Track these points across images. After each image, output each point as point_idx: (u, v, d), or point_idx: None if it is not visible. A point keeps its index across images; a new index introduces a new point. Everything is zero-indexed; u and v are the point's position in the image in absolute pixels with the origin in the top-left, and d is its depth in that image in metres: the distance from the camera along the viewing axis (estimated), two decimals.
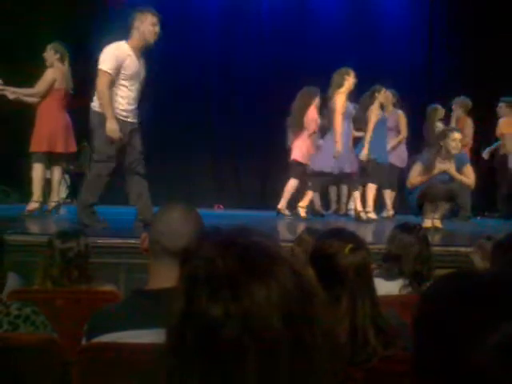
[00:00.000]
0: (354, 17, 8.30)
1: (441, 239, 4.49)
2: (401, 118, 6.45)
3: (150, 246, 1.48)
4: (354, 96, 6.15)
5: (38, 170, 5.28)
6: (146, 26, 4.06)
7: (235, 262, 0.70)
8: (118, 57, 4.02)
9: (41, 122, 5.22)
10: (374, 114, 5.91)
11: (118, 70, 4.01)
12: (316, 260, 1.60)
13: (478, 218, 6.91)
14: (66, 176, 7.61)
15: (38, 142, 5.20)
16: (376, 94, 6.00)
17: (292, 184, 6.04)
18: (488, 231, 5.24)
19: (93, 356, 1.35)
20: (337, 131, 5.57)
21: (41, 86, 5.20)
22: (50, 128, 5.19)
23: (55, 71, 5.25)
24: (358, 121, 6.04)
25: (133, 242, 3.39)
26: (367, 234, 4.84)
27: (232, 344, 0.67)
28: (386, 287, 2.28)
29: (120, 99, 4.10)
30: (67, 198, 7.49)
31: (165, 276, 1.41)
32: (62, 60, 5.32)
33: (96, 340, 1.38)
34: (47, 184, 5.57)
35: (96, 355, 1.35)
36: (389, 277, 2.38)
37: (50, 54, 5.29)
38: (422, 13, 8.52)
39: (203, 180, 7.72)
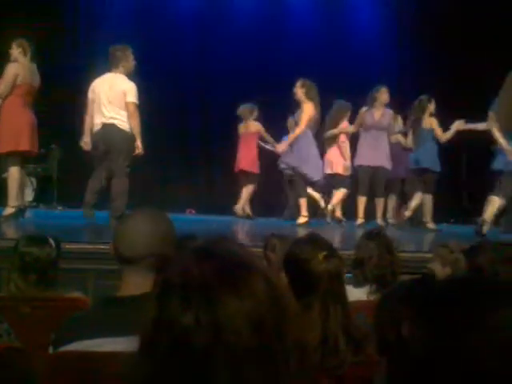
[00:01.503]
0: (327, 26, 8.44)
1: (406, 245, 4.57)
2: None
3: (114, 253, 1.47)
4: (326, 103, 6.29)
5: (14, 174, 5.05)
6: (130, 61, 5.06)
7: (210, 271, 0.71)
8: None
9: (4, 120, 4.96)
10: (435, 123, 6.08)
11: None
12: (289, 266, 1.61)
13: (444, 224, 7.06)
14: (33, 179, 7.46)
15: (4, 143, 4.96)
16: (428, 105, 6.12)
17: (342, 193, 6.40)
18: (449, 238, 5.39)
19: (61, 365, 1.33)
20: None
21: (2, 84, 4.95)
22: (14, 125, 4.94)
23: (17, 66, 5.00)
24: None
25: (102, 247, 3.34)
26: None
27: (203, 353, 0.67)
28: (355, 294, 2.31)
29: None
30: (33, 201, 7.32)
31: (134, 283, 1.40)
32: (24, 54, 5.08)
33: (64, 349, 1.35)
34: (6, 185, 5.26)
35: (65, 364, 1.32)
36: (356, 283, 2.41)
37: (13, 50, 5.08)
38: (391, 23, 8.71)
39: (176, 184, 7.67)
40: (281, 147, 6.07)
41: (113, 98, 4.90)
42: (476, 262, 1.60)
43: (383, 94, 6.11)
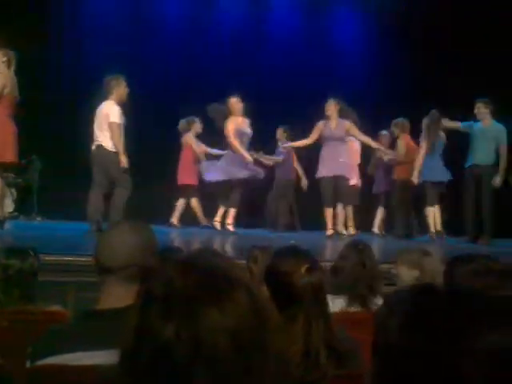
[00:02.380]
0: (309, 31, 8.55)
1: (387, 256, 4.58)
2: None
3: (96, 263, 1.47)
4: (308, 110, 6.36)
5: None
6: (123, 88, 5.51)
7: (193, 284, 0.71)
8: (120, 111, 5.44)
9: None
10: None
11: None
12: (271, 278, 1.60)
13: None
14: (13, 190, 7.36)
15: None
16: (441, 118, 6.40)
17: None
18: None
19: (39, 380, 1.30)
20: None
21: None
22: (1, 136, 4.90)
23: (2, 77, 4.98)
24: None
25: (83, 259, 3.30)
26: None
27: (183, 366, 0.67)
28: (333, 303, 2.31)
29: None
30: (13, 212, 7.21)
31: (114, 294, 1.40)
32: (8, 65, 5.06)
33: (43, 363, 1.33)
34: None
35: (43, 379, 1.30)
36: (335, 293, 2.41)
37: None
38: (372, 30, 8.87)
39: (158, 196, 7.61)
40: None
41: (99, 122, 5.43)
42: (453, 274, 1.63)
43: (327, 107, 6.29)
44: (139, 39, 7.94)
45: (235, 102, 6.26)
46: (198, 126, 7.10)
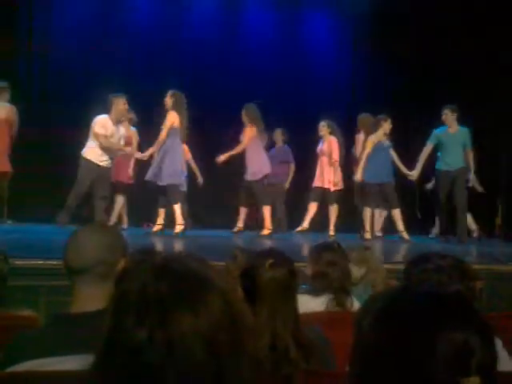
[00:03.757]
0: (281, 34, 8.60)
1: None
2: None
3: (65, 265, 1.47)
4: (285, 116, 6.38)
5: None
6: (122, 106, 5.93)
7: (167, 288, 0.71)
8: (105, 124, 5.90)
9: None
10: (370, 141, 6.44)
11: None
12: (243, 277, 1.65)
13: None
14: None
15: None
16: (382, 122, 6.46)
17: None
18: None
19: None
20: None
21: None
22: None
23: None
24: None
25: (54, 263, 3.25)
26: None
27: (155, 370, 0.67)
28: (312, 303, 2.34)
29: (97, 150, 5.94)
30: None
31: (86, 295, 1.40)
32: None
33: (14, 369, 1.31)
34: None
35: None
36: (315, 294, 2.44)
37: None
38: (347, 36, 8.95)
39: (134, 198, 7.53)
40: (139, 154, 6.48)
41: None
42: (410, 273, 1.68)
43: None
44: (108, 39, 7.83)
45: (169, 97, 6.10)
46: (132, 118, 6.83)
